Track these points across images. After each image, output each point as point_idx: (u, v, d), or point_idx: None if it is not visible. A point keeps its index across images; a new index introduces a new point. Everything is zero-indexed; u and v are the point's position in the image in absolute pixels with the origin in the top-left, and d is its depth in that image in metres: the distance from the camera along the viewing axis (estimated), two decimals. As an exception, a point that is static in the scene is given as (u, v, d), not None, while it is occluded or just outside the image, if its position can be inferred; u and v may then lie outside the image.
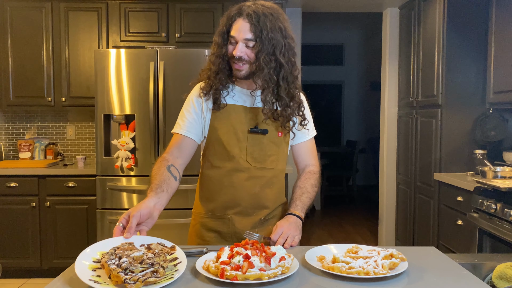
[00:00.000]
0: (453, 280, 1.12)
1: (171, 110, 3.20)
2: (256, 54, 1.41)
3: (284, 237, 1.37)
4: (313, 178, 1.61)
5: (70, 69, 3.68)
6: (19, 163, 3.68)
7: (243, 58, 1.42)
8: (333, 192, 6.98)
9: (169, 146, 1.55)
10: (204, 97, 1.52)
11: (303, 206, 1.53)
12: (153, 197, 1.33)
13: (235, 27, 1.43)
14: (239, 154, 1.49)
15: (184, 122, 1.54)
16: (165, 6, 3.64)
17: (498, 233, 2.39)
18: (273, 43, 1.41)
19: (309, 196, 1.57)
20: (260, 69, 1.41)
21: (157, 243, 1.19)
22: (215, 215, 1.55)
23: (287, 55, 1.45)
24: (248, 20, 1.40)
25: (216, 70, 1.48)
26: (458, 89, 3.25)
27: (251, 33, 1.40)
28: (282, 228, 1.40)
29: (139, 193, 3.23)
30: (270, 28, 1.40)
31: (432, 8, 3.40)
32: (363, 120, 7.96)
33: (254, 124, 1.51)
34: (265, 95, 1.45)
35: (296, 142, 1.61)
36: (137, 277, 1.01)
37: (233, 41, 1.43)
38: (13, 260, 3.48)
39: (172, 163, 1.48)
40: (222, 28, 1.47)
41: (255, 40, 1.40)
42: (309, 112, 1.63)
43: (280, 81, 1.44)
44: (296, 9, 4.29)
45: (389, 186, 4.32)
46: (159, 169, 1.46)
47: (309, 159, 1.65)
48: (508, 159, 2.98)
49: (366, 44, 7.73)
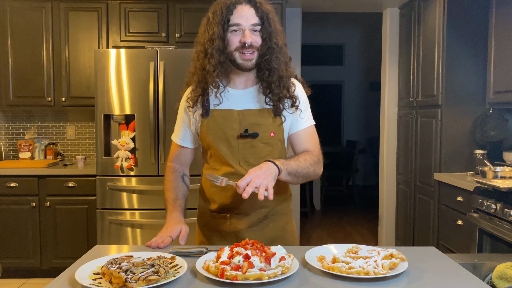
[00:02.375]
0: (453, 280, 1.12)
1: (171, 110, 3.20)
2: (263, 39, 1.41)
3: (252, 186, 1.21)
4: (308, 155, 1.47)
5: (70, 69, 3.68)
6: (19, 163, 3.68)
7: (253, 45, 1.40)
8: (333, 192, 6.99)
9: (172, 154, 1.63)
10: (192, 108, 1.50)
11: (286, 163, 1.37)
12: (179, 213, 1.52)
13: (239, 14, 1.39)
14: (232, 159, 1.47)
15: (178, 131, 1.60)
16: (165, 6, 3.64)
17: (498, 233, 2.39)
18: (274, 26, 1.43)
19: (298, 164, 1.40)
20: (269, 53, 1.41)
21: (157, 256, 1.18)
22: (215, 215, 1.55)
23: (282, 37, 1.47)
24: (251, 5, 1.40)
25: (215, 64, 1.41)
26: (458, 89, 3.25)
27: (257, 17, 1.40)
28: (251, 176, 1.24)
29: (139, 193, 3.23)
30: (270, 11, 1.42)
31: (432, 8, 3.40)
32: (363, 120, 7.96)
33: (244, 128, 1.46)
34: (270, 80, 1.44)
35: (293, 131, 1.53)
36: (138, 277, 1.01)
37: (237, 29, 1.40)
38: (13, 260, 3.48)
39: (183, 173, 1.61)
40: (220, 18, 1.40)
41: (261, 24, 1.40)
42: (306, 99, 1.56)
43: (281, 63, 1.46)
44: (296, 9, 4.29)
45: (389, 186, 4.32)
46: (175, 181, 1.58)
47: (308, 146, 1.52)
48: (508, 159, 2.98)
49: (366, 44, 7.72)
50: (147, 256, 1.18)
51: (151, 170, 3.24)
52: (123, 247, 1.54)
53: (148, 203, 3.22)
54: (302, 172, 1.42)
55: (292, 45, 4.20)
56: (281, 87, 1.45)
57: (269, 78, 1.44)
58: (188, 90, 1.54)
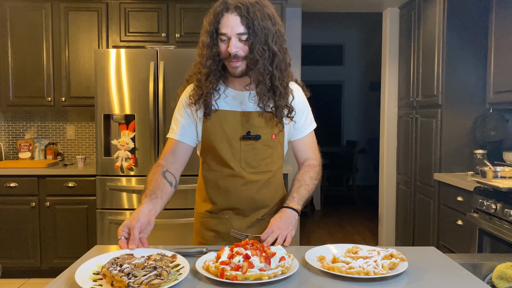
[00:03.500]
0: (453, 280, 1.12)
1: (171, 110, 3.19)
2: (250, 47, 1.36)
3: (273, 237, 1.34)
4: (312, 171, 1.56)
5: (70, 69, 3.68)
6: (19, 163, 3.68)
7: (238, 55, 1.36)
8: (333, 192, 6.98)
9: (164, 152, 1.54)
10: (194, 106, 1.48)
11: (300, 198, 1.47)
12: (147, 203, 1.34)
13: (224, 23, 1.36)
14: (233, 161, 1.47)
15: (177, 126, 1.52)
16: (165, 6, 3.64)
17: (498, 233, 2.39)
18: (265, 32, 1.35)
19: (308, 188, 1.51)
20: (255, 62, 1.36)
21: (157, 254, 1.17)
22: (214, 215, 1.55)
23: (279, 42, 1.40)
24: (238, 13, 1.34)
25: (207, 73, 1.42)
26: (458, 89, 3.25)
27: (243, 26, 1.34)
28: (272, 228, 1.36)
29: (139, 193, 3.23)
30: (260, 17, 1.35)
31: (432, 8, 3.40)
32: (363, 120, 7.96)
33: (247, 130, 1.46)
34: (260, 88, 1.40)
35: (294, 138, 1.57)
36: (140, 280, 0.99)
37: (224, 38, 1.37)
38: (13, 260, 3.48)
39: (167, 169, 1.47)
40: (209, 27, 1.39)
41: (248, 32, 1.35)
42: (307, 104, 1.57)
43: (274, 70, 1.40)
44: (296, 9, 4.29)
45: (389, 186, 4.31)
46: (153, 175, 1.45)
47: (309, 153, 1.60)
48: (508, 159, 2.98)
49: (366, 44, 7.72)
50: (148, 253, 1.18)
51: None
52: None
53: (148, 203, 3.22)
54: (310, 192, 1.54)
55: (292, 45, 4.20)
56: (276, 95, 1.43)
57: (263, 85, 1.41)
58: (189, 87, 1.53)
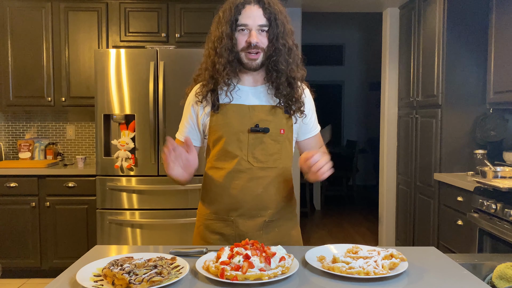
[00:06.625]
0: (453, 280, 1.12)
1: (171, 110, 3.19)
2: (270, 40, 1.41)
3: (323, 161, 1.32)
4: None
5: (70, 69, 3.68)
6: (19, 163, 3.68)
7: (259, 46, 1.41)
8: (333, 192, 6.99)
9: None
10: (200, 103, 1.50)
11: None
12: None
13: (246, 14, 1.41)
14: (240, 154, 1.45)
15: (184, 128, 1.57)
16: (165, 6, 3.64)
17: (498, 233, 2.39)
18: (283, 26, 1.43)
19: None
20: (275, 53, 1.41)
21: (157, 257, 1.18)
22: (219, 217, 1.51)
23: (292, 37, 1.47)
24: (260, 5, 1.41)
25: (225, 63, 1.43)
26: (458, 89, 3.25)
27: (265, 18, 1.40)
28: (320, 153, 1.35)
29: (139, 193, 3.23)
30: (280, 11, 1.42)
31: (432, 8, 3.40)
32: (363, 120, 7.96)
33: (255, 122, 1.46)
34: (278, 80, 1.44)
35: (302, 138, 1.59)
36: (141, 278, 1.00)
37: (244, 29, 1.42)
38: (13, 260, 3.48)
39: None
40: (229, 17, 1.42)
41: (269, 25, 1.40)
42: (313, 104, 1.61)
43: (292, 64, 1.45)
44: (296, 9, 4.29)
45: (389, 186, 4.32)
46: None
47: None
48: (508, 159, 2.98)
49: (366, 44, 7.72)
50: (147, 257, 1.18)
51: (151, 170, 3.24)
52: (123, 247, 1.53)
53: (148, 203, 3.22)
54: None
55: (292, 45, 4.19)
56: (289, 89, 1.47)
57: (277, 79, 1.45)
58: (196, 86, 1.54)
